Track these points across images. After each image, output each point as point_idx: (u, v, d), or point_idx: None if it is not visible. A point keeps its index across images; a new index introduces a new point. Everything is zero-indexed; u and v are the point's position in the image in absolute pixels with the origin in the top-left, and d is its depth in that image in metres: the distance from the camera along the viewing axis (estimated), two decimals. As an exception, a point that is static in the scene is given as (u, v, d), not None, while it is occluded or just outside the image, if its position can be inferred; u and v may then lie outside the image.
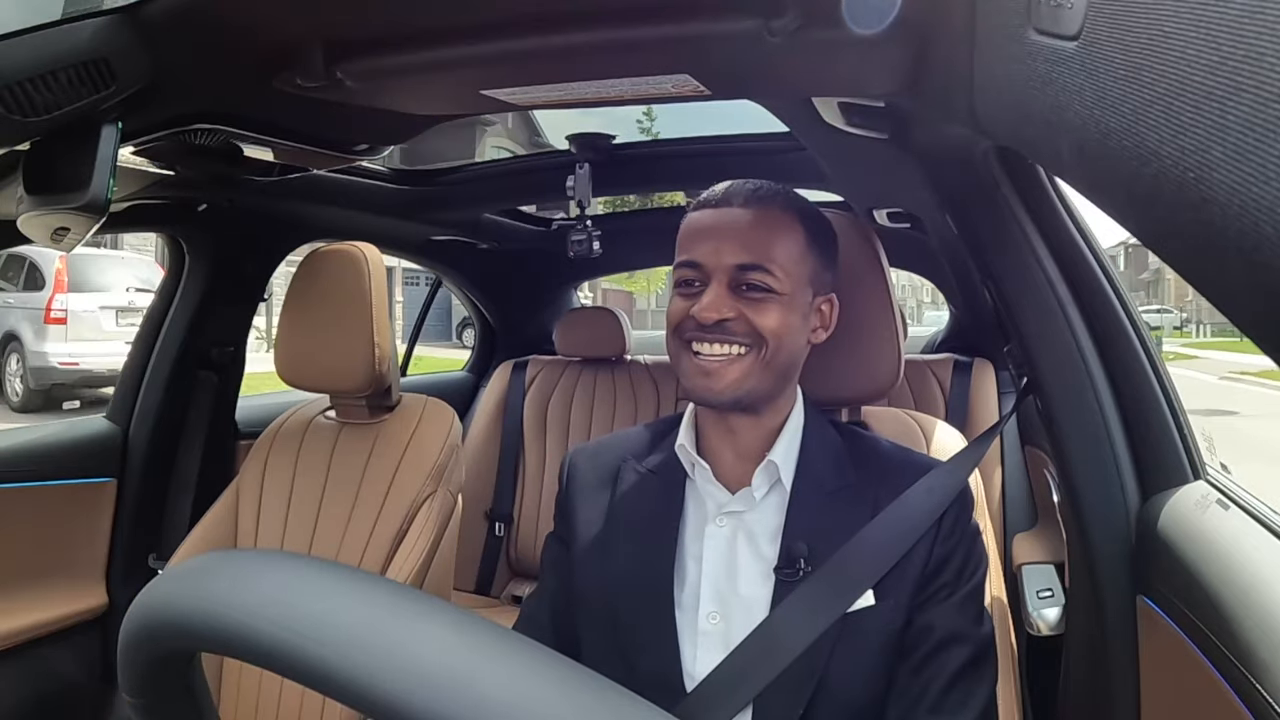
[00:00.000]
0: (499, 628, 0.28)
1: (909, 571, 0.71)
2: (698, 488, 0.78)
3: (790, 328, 0.75)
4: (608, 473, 0.84)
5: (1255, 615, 0.62)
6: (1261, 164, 0.23)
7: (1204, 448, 0.90)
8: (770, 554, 0.73)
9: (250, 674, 1.29)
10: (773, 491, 0.76)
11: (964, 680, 0.69)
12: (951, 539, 0.73)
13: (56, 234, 0.88)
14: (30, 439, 1.48)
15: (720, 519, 0.76)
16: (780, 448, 0.76)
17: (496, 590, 2.16)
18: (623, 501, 0.81)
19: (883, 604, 0.70)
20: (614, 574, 0.77)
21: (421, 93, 0.99)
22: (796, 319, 0.76)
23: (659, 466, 0.81)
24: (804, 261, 0.76)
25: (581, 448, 0.90)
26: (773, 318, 0.74)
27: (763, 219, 0.76)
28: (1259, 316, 0.26)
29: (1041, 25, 0.40)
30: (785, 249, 0.75)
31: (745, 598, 0.73)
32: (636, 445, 0.85)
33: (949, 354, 2.08)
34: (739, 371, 0.73)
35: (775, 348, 0.74)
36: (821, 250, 0.79)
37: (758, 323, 0.73)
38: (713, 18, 0.74)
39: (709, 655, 0.71)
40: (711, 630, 0.72)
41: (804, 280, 0.76)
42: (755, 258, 0.74)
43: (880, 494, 0.75)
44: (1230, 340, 16.80)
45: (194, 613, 0.30)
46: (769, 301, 0.74)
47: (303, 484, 1.37)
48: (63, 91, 0.73)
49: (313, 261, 1.38)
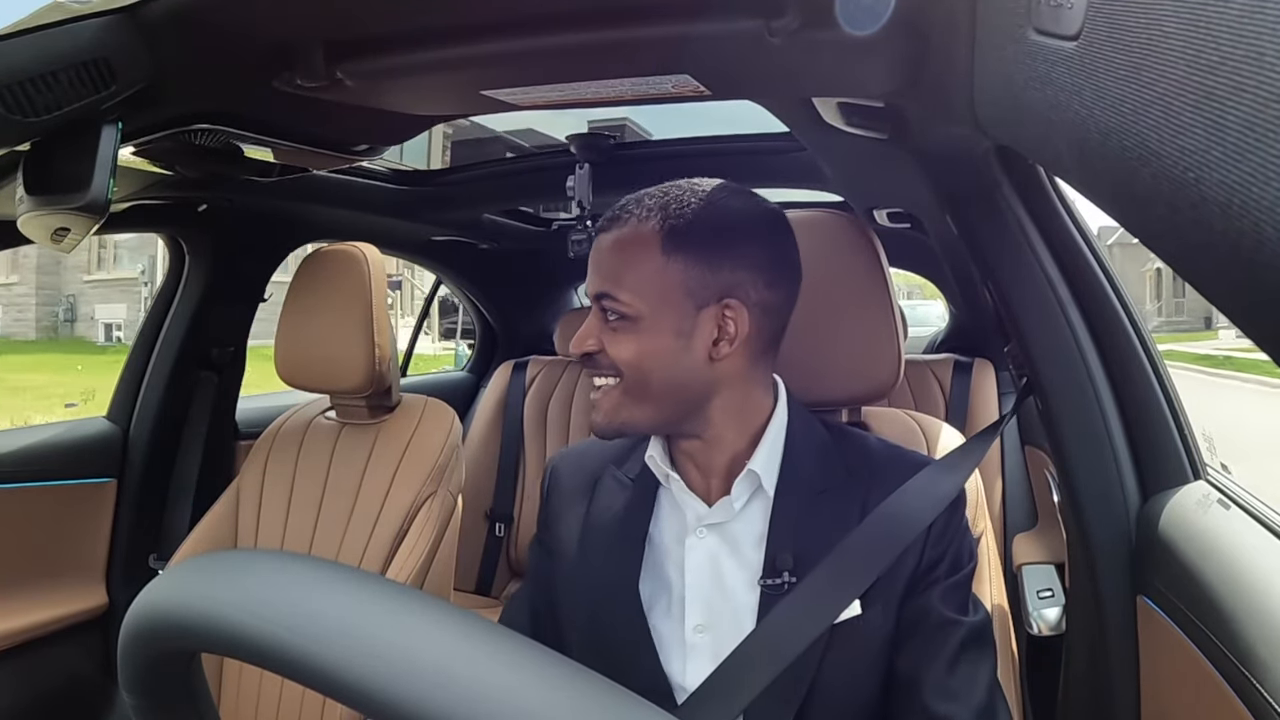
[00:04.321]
0: (501, 628, 0.28)
1: (898, 577, 0.70)
2: (675, 495, 0.76)
3: (650, 353, 0.69)
4: (588, 480, 0.82)
5: (1255, 615, 0.62)
6: (1261, 164, 0.23)
7: (1204, 447, 0.90)
8: (755, 560, 0.71)
9: (250, 673, 1.29)
10: (755, 498, 0.73)
11: (964, 662, 0.68)
12: (942, 542, 0.71)
13: (56, 234, 0.88)
14: (30, 439, 1.48)
15: (700, 530, 0.73)
16: (761, 455, 0.73)
17: (496, 590, 2.16)
18: (600, 511, 0.79)
19: (870, 611, 0.69)
20: (588, 585, 0.76)
21: (421, 93, 0.99)
22: (662, 341, 0.69)
23: (638, 475, 0.78)
24: (662, 275, 0.68)
25: (565, 453, 0.87)
26: (624, 346, 0.69)
27: (618, 241, 0.71)
28: (1259, 316, 0.26)
29: (1041, 25, 0.40)
30: (635, 268, 0.69)
31: (732, 608, 0.71)
32: (618, 451, 0.82)
33: (949, 354, 2.08)
34: (610, 404, 0.71)
35: (636, 378, 0.69)
36: (698, 254, 0.69)
37: (612, 353, 0.69)
38: (713, 18, 0.74)
39: (699, 666, 0.70)
40: (699, 642, 0.71)
41: (665, 296, 0.69)
42: (604, 285, 0.70)
43: (870, 494, 0.72)
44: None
45: (195, 612, 0.30)
46: (623, 330, 0.69)
47: (303, 484, 1.37)
48: (63, 91, 0.73)
49: (313, 261, 1.38)
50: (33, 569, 1.42)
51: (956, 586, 0.71)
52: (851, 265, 0.91)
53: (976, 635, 0.70)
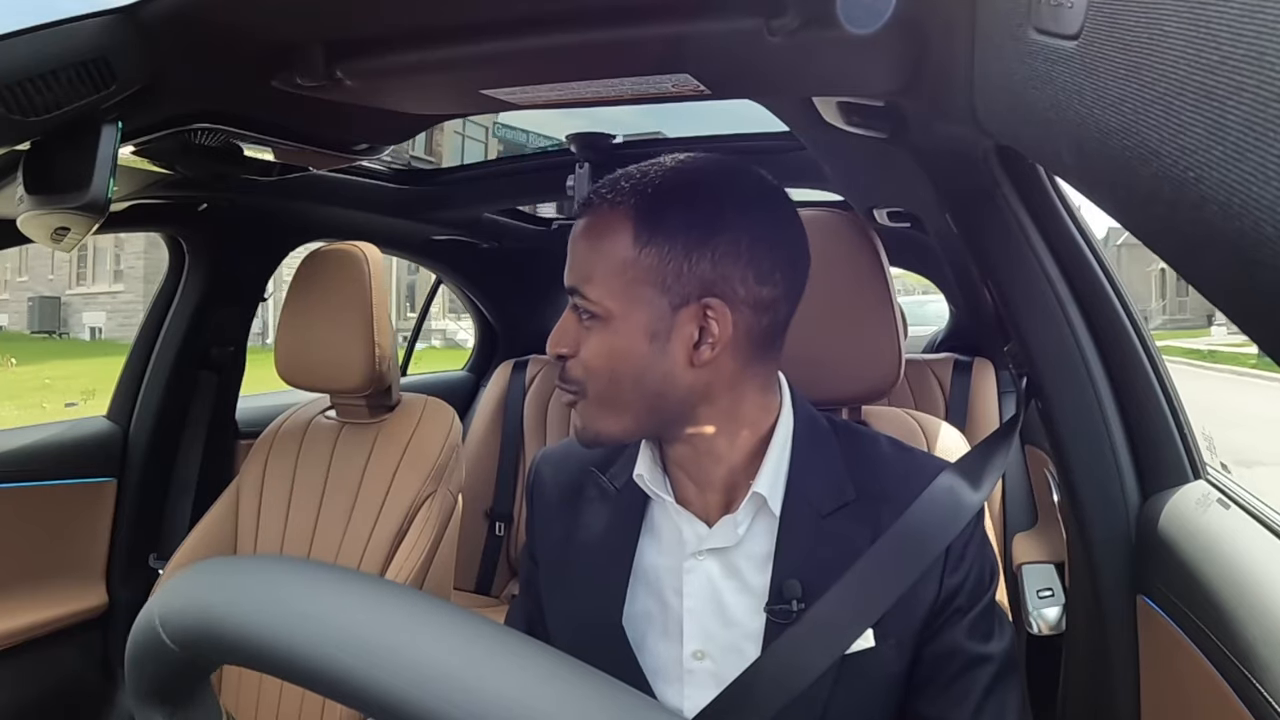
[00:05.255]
0: (515, 633, 0.28)
1: (916, 608, 0.63)
2: (669, 512, 0.69)
3: (622, 355, 0.61)
4: (570, 488, 0.75)
5: (1255, 615, 0.62)
6: (1261, 163, 0.23)
7: (1204, 447, 0.90)
8: (759, 584, 0.65)
9: (250, 673, 1.29)
10: (759, 518, 0.66)
11: (994, 696, 0.64)
12: (963, 565, 0.65)
13: (56, 234, 0.88)
14: (30, 439, 1.48)
15: (700, 554, 0.66)
16: (766, 474, 0.65)
17: (496, 590, 2.16)
18: (582, 529, 0.72)
19: (883, 644, 0.63)
20: (569, 613, 0.71)
21: (421, 92, 0.99)
22: (635, 343, 0.61)
23: (625, 483, 0.70)
24: (633, 266, 0.60)
25: (547, 454, 0.79)
26: (592, 348, 0.62)
27: (588, 229, 0.63)
28: (1259, 316, 0.26)
29: (1041, 24, 0.40)
30: (604, 257, 0.61)
31: (734, 634, 0.65)
32: (603, 452, 0.73)
33: (949, 354, 2.08)
34: (585, 412, 0.64)
35: (605, 384, 0.62)
36: (675, 244, 0.60)
37: (584, 355, 0.62)
38: (713, 17, 0.74)
39: (699, 693, 0.65)
40: (698, 669, 0.66)
41: (636, 293, 0.60)
42: (573, 279, 0.63)
43: (883, 511, 0.65)
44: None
45: (212, 623, 0.30)
46: (594, 330, 0.62)
47: (303, 484, 1.37)
48: (63, 91, 0.73)
49: (313, 261, 1.38)
50: (33, 569, 1.42)
51: (982, 615, 0.65)
52: (852, 264, 0.91)
53: (1005, 665, 0.65)
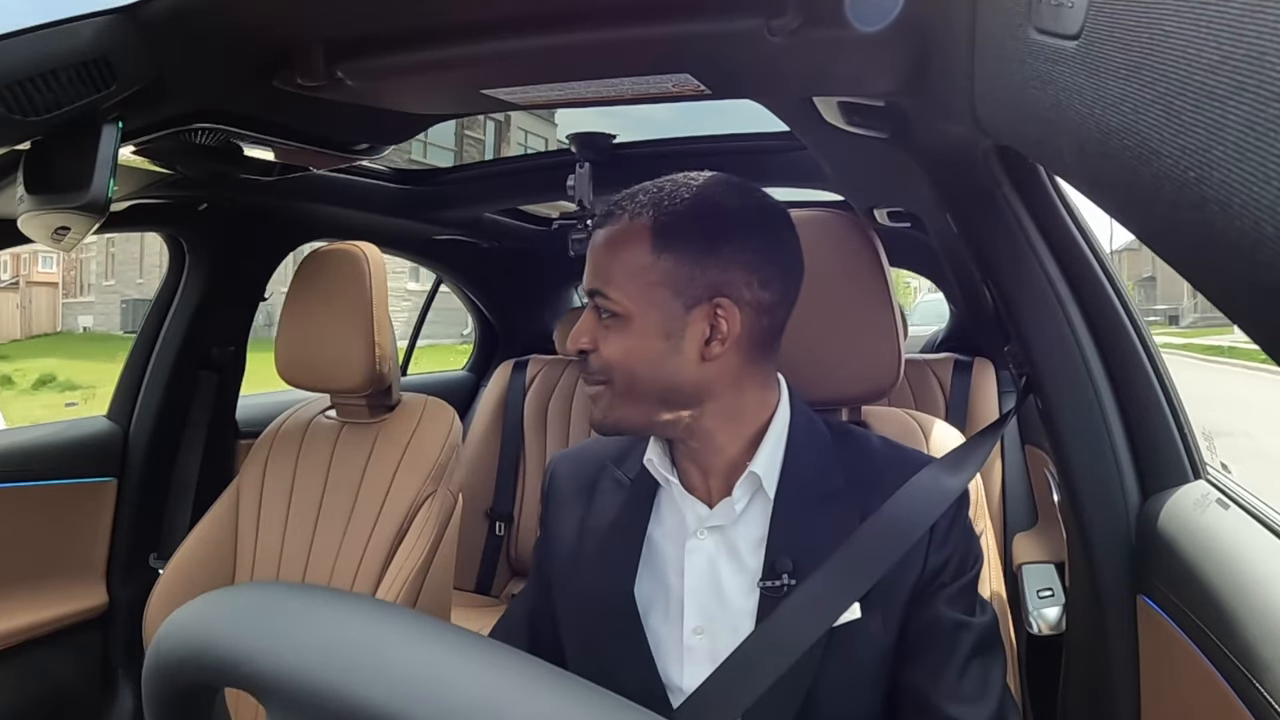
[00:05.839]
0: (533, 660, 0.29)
1: (902, 584, 0.69)
2: (675, 498, 0.75)
3: (639, 352, 0.68)
4: (587, 481, 0.81)
5: (1255, 615, 0.62)
6: (1262, 163, 0.23)
7: (1204, 447, 0.90)
8: (754, 564, 0.71)
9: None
10: (755, 500, 0.73)
11: (976, 665, 0.68)
12: (946, 545, 0.70)
13: (57, 233, 0.88)
14: (30, 439, 1.48)
15: (701, 533, 0.73)
16: (762, 457, 0.72)
17: (496, 590, 2.16)
18: (598, 513, 0.78)
19: (869, 616, 0.68)
20: (583, 589, 0.76)
21: (421, 92, 0.99)
22: (651, 340, 0.68)
23: (638, 474, 0.77)
24: (651, 272, 0.68)
25: (564, 454, 0.87)
26: (612, 345, 0.69)
27: (611, 236, 0.70)
28: (1259, 316, 0.26)
29: (1042, 24, 0.40)
30: (624, 263, 0.69)
31: (730, 612, 0.71)
32: (617, 449, 0.81)
33: (949, 354, 2.08)
34: (605, 402, 0.71)
35: (625, 378, 0.69)
36: (688, 251, 0.68)
37: (603, 351, 0.69)
38: (713, 17, 0.74)
39: (696, 669, 0.69)
40: (697, 645, 0.71)
41: (653, 294, 0.68)
42: (595, 282, 0.70)
43: (871, 501, 0.71)
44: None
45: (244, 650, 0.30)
46: (614, 328, 0.69)
47: (303, 484, 1.37)
48: (63, 91, 0.73)
49: (313, 261, 1.38)
50: (33, 568, 1.42)
51: (963, 590, 0.70)
52: (852, 264, 0.91)
53: (987, 636, 0.70)
